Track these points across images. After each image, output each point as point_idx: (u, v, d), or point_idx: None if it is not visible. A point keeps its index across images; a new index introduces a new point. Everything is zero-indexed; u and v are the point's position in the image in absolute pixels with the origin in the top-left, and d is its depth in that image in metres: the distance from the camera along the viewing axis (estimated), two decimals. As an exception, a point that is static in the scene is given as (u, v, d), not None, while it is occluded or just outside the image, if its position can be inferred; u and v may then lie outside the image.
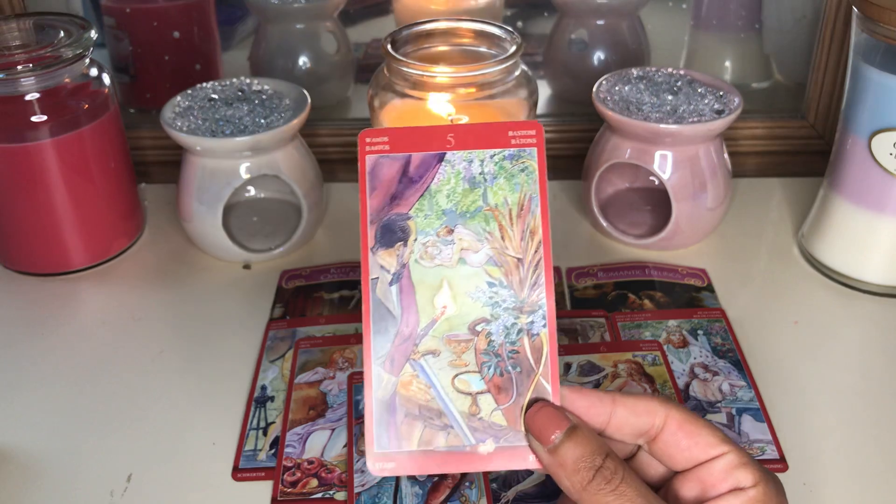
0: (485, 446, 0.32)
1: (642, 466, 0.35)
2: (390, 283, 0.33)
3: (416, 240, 0.33)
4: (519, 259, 0.33)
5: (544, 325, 0.32)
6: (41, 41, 0.58)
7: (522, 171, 0.33)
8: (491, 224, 0.33)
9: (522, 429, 0.31)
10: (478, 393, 0.32)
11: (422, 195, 0.33)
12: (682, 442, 0.33)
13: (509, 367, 0.32)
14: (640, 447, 0.35)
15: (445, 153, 0.34)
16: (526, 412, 0.32)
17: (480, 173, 0.33)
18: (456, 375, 0.32)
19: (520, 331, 0.32)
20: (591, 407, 0.32)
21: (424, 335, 0.33)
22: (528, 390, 0.32)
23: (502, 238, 0.33)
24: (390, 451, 0.32)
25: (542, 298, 0.32)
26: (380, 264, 0.33)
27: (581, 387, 0.33)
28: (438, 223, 0.33)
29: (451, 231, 0.33)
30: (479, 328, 0.32)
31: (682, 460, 0.33)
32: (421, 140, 0.34)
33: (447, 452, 0.32)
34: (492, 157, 0.33)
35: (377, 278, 0.33)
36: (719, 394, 0.50)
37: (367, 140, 0.34)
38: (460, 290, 0.33)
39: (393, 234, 0.33)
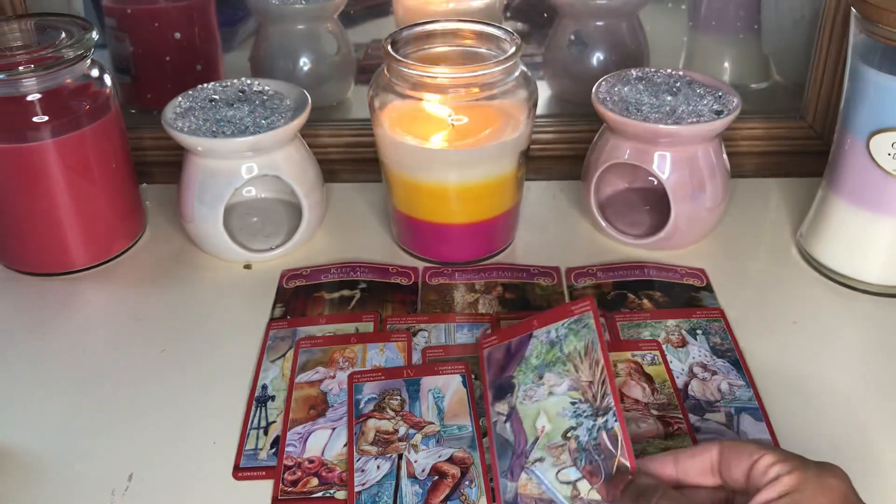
0: None
1: None
2: (505, 422, 0.45)
3: (518, 390, 0.46)
4: (590, 381, 0.43)
5: (615, 421, 0.41)
6: (42, 42, 0.58)
7: (584, 327, 0.46)
8: (568, 365, 0.45)
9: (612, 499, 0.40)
10: (576, 480, 0.41)
11: (520, 362, 0.47)
12: (734, 461, 0.38)
13: (595, 457, 0.41)
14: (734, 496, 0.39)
15: (532, 332, 0.47)
16: None
17: (556, 337, 0.46)
18: (558, 471, 0.42)
19: (598, 429, 0.42)
20: (660, 466, 0.39)
21: (532, 449, 0.43)
22: (612, 469, 0.40)
23: (576, 371, 0.44)
24: None
25: (610, 403, 0.42)
26: (497, 411, 0.46)
27: (653, 456, 0.41)
28: (532, 375, 0.46)
29: (540, 377, 0.45)
30: (569, 435, 0.42)
31: (740, 476, 0.37)
32: (517, 330, 0.48)
33: None
34: (562, 324, 0.47)
35: (496, 421, 0.45)
36: (718, 393, 0.50)
37: (484, 342, 0.50)
38: (552, 412, 0.44)
39: (504, 391, 0.46)
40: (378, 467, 0.45)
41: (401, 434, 0.47)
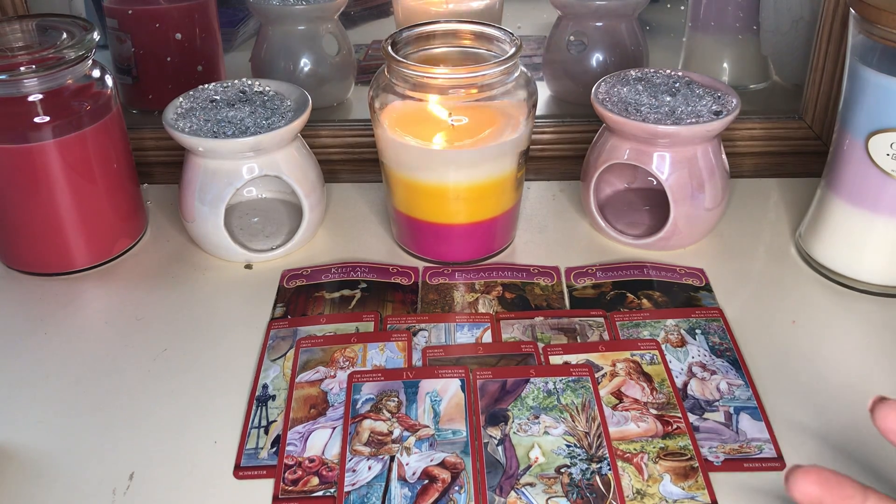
0: None
1: None
2: (497, 445, 0.47)
3: (513, 422, 0.48)
4: (586, 433, 0.47)
5: (609, 469, 0.45)
6: (44, 43, 0.59)
7: (582, 387, 0.50)
8: (564, 414, 0.48)
9: None
10: None
11: (515, 399, 0.49)
12: None
13: (587, 494, 0.44)
14: None
15: (529, 378, 0.51)
16: None
17: (554, 388, 0.50)
18: (549, 498, 0.44)
19: (592, 472, 0.45)
20: None
21: (523, 474, 0.45)
22: None
23: (573, 420, 0.48)
24: None
25: (605, 454, 0.46)
26: (490, 434, 0.47)
27: None
28: (528, 412, 0.49)
29: (536, 417, 0.48)
30: (562, 470, 0.45)
31: None
32: (513, 372, 0.51)
33: None
34: (561, 380, 0.50)
35: (488, 442, 0.47)
36: (717, 393, 0.50)
37: (478, 373, 0.51)
38: (547, 448, 0.46)
39: (497, 419, 0.48)
40: (369, 468, 0.45)
41: (395, 436, 0.47)
